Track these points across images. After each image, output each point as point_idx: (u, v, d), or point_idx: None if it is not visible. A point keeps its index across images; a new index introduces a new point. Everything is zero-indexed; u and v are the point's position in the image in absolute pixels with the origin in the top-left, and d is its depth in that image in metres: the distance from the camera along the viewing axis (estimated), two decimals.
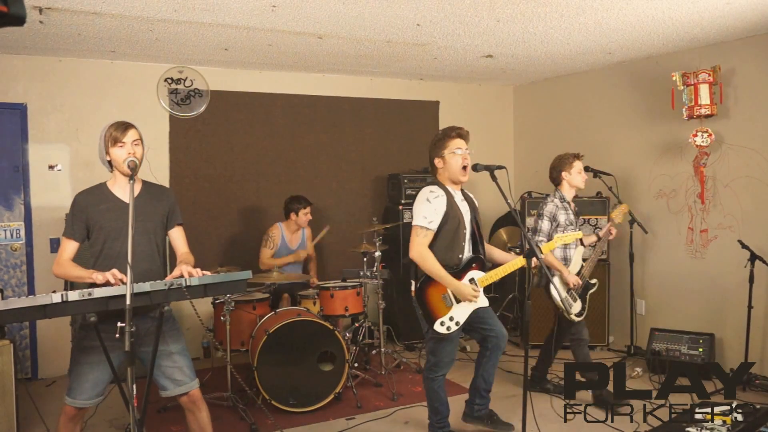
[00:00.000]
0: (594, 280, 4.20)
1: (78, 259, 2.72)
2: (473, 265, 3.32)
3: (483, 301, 3.32)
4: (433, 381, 3.41)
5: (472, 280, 3.28)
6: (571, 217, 4.12)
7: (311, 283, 5.01)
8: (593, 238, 4.30)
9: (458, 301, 3.25)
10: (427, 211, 3.19)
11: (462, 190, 3.45)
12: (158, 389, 2.77)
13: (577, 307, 4.03)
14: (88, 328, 2.44)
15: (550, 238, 4.00)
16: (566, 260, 4.11)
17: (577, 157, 4.14)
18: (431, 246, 3.23)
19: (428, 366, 3.43)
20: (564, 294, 3.97)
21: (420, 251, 3.17)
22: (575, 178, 4.11)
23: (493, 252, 3.54)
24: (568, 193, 4.15)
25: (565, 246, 4.09)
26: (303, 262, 5.14)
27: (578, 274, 4.09)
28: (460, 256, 3.30)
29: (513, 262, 3.34)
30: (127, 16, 3.78)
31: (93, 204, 2.69)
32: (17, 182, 4.84)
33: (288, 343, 3.97)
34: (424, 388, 3.50)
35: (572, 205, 4.17)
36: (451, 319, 3.23)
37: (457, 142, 3.30)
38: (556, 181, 4.18)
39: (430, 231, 3.19)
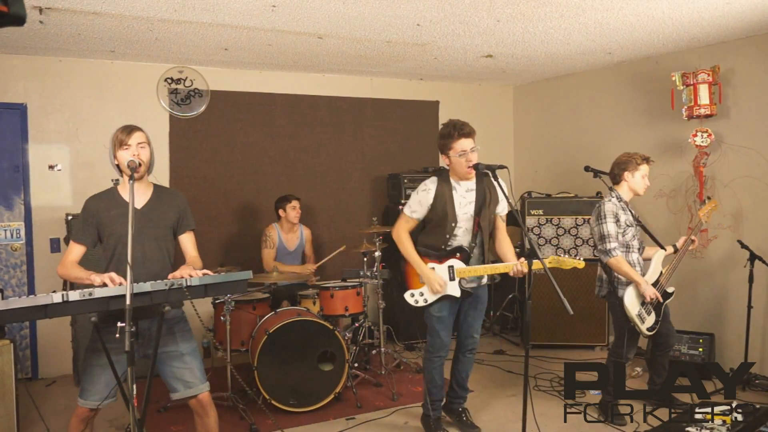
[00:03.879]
0: (671, 289, 3.81)
1: (85, 258, 2.73)
2: (456, 254, 3.39)
3: (453, 290, 3.38)
4: (430, 362, 3.54)
5: (450, 268, 3.38)
6: (631, 218, 3.75)
7: (309, 282, 5.00)
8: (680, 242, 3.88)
9: None
10: (413, 202, 3.46)
11: (482, 180, 3.40)
12: (168, 391, 2.77)
13: (650, 321, 3.69)
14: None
15: (624, 244, 3.68)
16: (635, 265, 3.74)
17: (646, 160, 3.76)
18: (421, 228, 3.51)
19: (426, 346, 3.59)
20: (638, 309, 3.63)
21: (399, 234, 3.45)
22: (638, 183, 3.74)
23: (503, 248, 3.50)
24: (626, 194, 3.78)
25: (627, 251, 3.71)
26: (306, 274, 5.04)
27: (655, 284, 3.69)
28: (444, 245, 3.38)
29: (499, 266, 3.34)
30: (127, 16, 3.78)
31: (104, 209, 2.71)
32: (17, 182, 4.84)
33: (288, 343, 3.97)
34: (422, 368, 3.67)
35: (629, 205, 3.81)
36: (421, 294, 3.44)
37: (462, 144, 3.30)
38: (616, 179, 3.82)
39: (412, 219, 3.46)
